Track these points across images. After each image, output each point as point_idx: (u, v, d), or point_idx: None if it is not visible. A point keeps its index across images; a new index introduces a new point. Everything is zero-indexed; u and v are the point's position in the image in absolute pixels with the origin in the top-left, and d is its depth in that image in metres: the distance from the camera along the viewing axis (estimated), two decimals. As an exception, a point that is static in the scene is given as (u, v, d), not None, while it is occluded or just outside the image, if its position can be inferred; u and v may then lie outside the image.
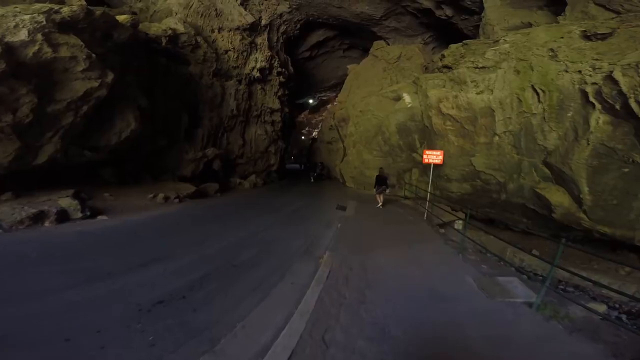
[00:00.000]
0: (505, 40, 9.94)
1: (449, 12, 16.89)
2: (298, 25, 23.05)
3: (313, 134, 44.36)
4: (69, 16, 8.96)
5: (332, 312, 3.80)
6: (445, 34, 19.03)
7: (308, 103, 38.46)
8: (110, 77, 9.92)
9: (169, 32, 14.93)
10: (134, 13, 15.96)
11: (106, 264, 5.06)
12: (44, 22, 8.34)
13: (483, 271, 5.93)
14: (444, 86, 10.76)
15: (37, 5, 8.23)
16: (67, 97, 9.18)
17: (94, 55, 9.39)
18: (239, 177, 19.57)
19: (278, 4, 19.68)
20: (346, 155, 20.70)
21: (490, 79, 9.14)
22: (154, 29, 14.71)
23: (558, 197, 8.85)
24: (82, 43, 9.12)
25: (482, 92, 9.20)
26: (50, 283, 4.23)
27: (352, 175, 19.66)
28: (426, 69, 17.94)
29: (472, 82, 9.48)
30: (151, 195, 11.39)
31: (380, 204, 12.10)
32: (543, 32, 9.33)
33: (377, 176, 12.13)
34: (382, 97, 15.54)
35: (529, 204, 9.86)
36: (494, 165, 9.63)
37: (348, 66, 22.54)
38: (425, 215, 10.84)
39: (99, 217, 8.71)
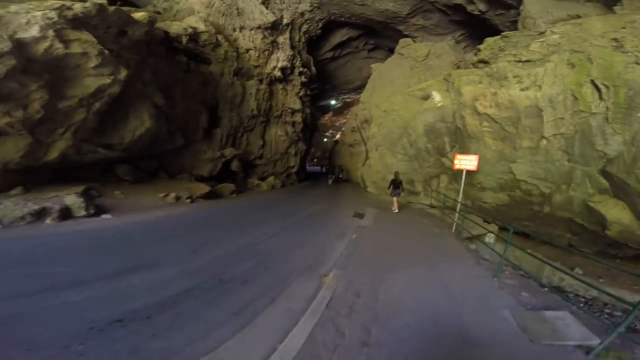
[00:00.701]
0: (553, 32, 8.53)
1: (482, 6, 15.39)
2: (320, 25, 22.45)
3: (336, 137, 43.55)
4: (81, 12, 8.87)
5: (322, 357, 2.92)
6: (478, 31, 17.41)
7: (331, 105, 37.72)
8: (123, 73, 9.76)
9: (190, 30, 14.84)
10: (157, 12, 16.14)
11: (82, 269, 4.56)
12: (56, 19, 8.28)
13: (524, 301, 4.77)
14: (480, 82, 9.51)
15: (50, 2, 8.16)
16: (79, 94, 9.10)
17: (106, 51, 9.26)
18: (257, 178, 19.18)
19: (299, 2, 19.17)
20: (368, 159, 19.61)
21: (538, 74, 7.81)
22: (175, 27, 14.68)
23: (616, 213, 7.33)
24: (94, 39, 9.01)
25: (527, 88, 7.88)
26: (7, 288, 3.74)
27: (374, 180, 18.55)
28: (458, 67, 16.53)
29: (514, 77, 8.19)
30: (162, 195, 11.13)
31: (395, 208, 12.17)
32: (600, 22, 7.87)
33: (392, 180, 12.42)
34: (409, 95, 14.37)
35: (577, 219, 8.35)
36: (539, 173, 8.23)
37: (372, 65, 21.49)
38: (454, 228, 9.59)
39: (103, 216, 8.45)
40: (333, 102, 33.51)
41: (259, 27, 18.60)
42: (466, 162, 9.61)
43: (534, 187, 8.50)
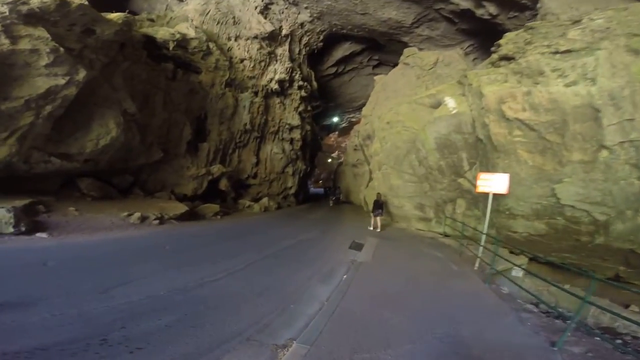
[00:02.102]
0: (593, 19, 6.85)
1: (492, 9, 13.98)
2: (321, 37, 21.55)
3: (342, 158, 42.07)
4: (38, 7, 7.83)
5: None
6: (488, 41, 15.91)
7: (334, 122, 36.52)
8: (81, 74, 8.45)
9: (177, 36, 13.83)
10: (150, 20, 15.35)
11: None
12: (7, 13, 7.42)
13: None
14: (505, 81, 7.77)
15: (9, -4, 7.10)
16: (25, 94, 7.77)
17: (61, 49, 8.03)
18: (250, 200, 17.44)
19: (299, 13, 18.28)
20: (371, 180, 17.71)
21: (587, 65, 6.04)
22: (162, 32, 13.71)
23: None
24: (48, 36, 7.84)
25: (574, 83, 6.11)
26: None
27: None
28: (470, 77, 14.95)
29: (553, 71, 6.46)
30: (125, 214, 9.42)
31: (377, 227, 12.25)
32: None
33: (375, 201, 12.71)
34: (416, 104, 12.62)
35: None
36: (595, 196, 6.23)
37: (375, 77, 20.17)
38: (477, 264, 7.49)
39: (38, 235, 6.96)
40: (336, 119, 32.19)
41: (256, 37, 17.67)
42: (492, 183, 7.57)
43: (585, 213, 6.46)
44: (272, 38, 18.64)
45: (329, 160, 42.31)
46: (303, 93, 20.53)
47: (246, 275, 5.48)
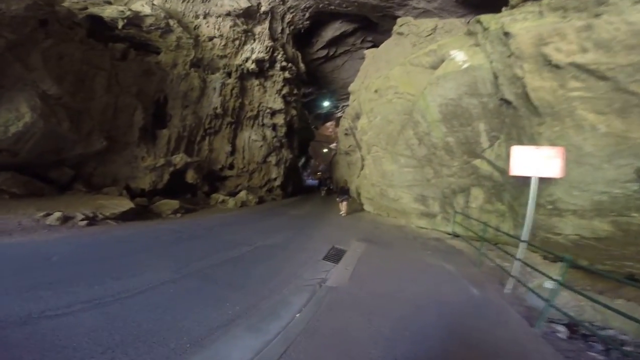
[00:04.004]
0: None
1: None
2: (307, 14, 19.40)
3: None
4: None
5: None
6: (493, 12, 13.62)
7: (328, 110, 34.31)
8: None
9: (127, 13, 11.97)
10: (108, 2, 13.42)
11: None
12: None
13: None
14: (540, 18, 5.59)
15: None
16: None
17: None
18: (226, 194, 15.55)
19: (278, -15, 16.17)
20: (363, 168, 15.54)
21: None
22: (109, 11, 11.87)
23: None
24: None
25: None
26: None
27: (370, 196, 14.14)
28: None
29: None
30: (41, 214, 7.61)
31: (343, 211, 13.07)
32: None
33: (341, 187, 13.88)
34: (411, 65, 10.18)
35: None
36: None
37: (365, 51, 17.92)
38: (510, 286, 5.36)
39: None
40: (326, 103, 29.94)
41: (229, 14, 15.66)
42: (538, 161, 4.90)
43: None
44: (249, 15, 16.61)
45: (325, 150, 40.14)
46: (287, 74, 18.46)
47: (122, 310, 3.53)
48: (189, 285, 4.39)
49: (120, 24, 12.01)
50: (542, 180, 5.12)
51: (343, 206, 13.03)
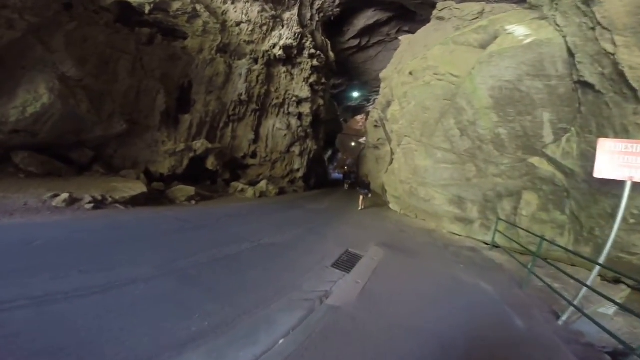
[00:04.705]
0: None
1: None
2: (337, 1, 18.25)
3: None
4: None
5: None
6: None
7: (359, 104, 32.83)
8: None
9: None
10: None
11: None
12: None
13: None
14: None
15: None
16: None
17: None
18: (247, 183, 15.15)
19: (307, -34, 15.22)
20: (392, 163, 14.23)
21: None
22: (136, -6, 11.67)
23: None
24: None
25: None
26: None
27: (397, 194, 12.82)
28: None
29: None
30: (49, 195, 7.52)
31: (361, 206, 13.17)
32: None
33: (362, 181, 14.15)
34: (455, 44, 8.73)
35: None
36: None
37: (400, 38, 16.37)
38: (565, 317, 4.16)
39: None
40: (356, 94, 28.45)
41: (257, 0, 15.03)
42: (635, 161, 3.65)
43: None
44: (277, 1, 15.90)
45: (353, 144, 38.71)
46: (315, 62, 17.53)
47: (66, 312, 2.92)
48: (163, 287, 3.72)
49: (147, 8, 11.84)
50: (634, 188, 3.72)
51: (361, 200, 13.31)
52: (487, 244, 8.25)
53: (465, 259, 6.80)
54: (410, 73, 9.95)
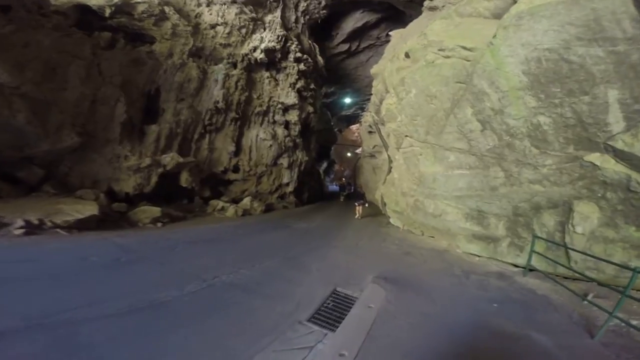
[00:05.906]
0: None
1: None
2: (323, 3, 17.33)
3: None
4: None
5: None
6: None
7: (354, 113, 31.73)
8: None
9: (115, 0, 10.61)
10: None
11: None
12: None
13: None
14: None
15: None
16: None
17: None
18: (228, 200, 13.66)
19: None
20: (390, 172, 12.58)
21: None
22: (96, -2, 10.58)
23: None
24: None
25: None
26: None
27: (399, 208, 10.82)
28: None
29: None
30: (-37, 223, 6.05)
31: (357, 215, 13.77)
32: None
33: (356, 192, 15.34)
34: (461, 16, 7.16)
35: None
36: None
37: (391, 32, 15.22)
38: None
39: None
40: (347, 100, 27.30)
41: (234, 2, 13.99)
42: None
43: None
44: (257, 3, 14.90)
45: (349, 154, 37.38)
46: (302, 67, 16.38)
47: None
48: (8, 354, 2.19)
49: (108, 11, 10.72)
50: None
51: (357, 210, 13.86)
52: (517, 266, 6.59)
53: (497, 293, 5.14)
54: (407, 55, 8.22)
